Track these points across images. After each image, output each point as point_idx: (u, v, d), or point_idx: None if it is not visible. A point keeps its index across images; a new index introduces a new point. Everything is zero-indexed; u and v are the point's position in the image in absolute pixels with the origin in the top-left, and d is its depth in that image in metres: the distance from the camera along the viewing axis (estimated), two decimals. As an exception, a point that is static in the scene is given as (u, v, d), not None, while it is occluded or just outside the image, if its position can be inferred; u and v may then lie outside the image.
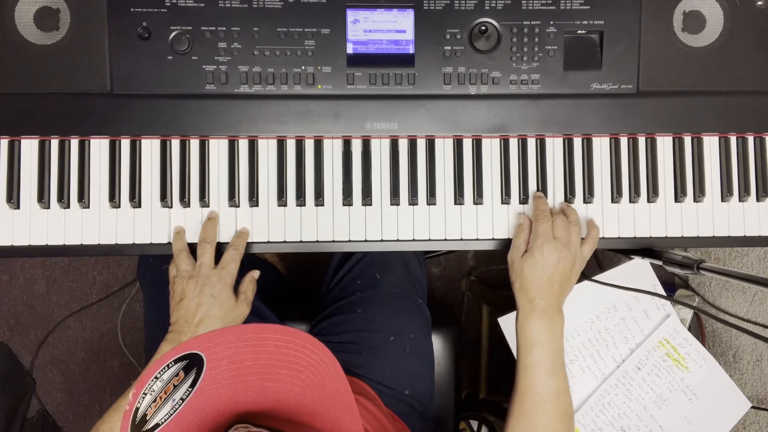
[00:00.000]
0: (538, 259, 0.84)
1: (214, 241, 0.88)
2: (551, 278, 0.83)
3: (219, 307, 0.85)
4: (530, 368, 0.81)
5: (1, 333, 1.74)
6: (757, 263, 1.37)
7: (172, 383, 0.53)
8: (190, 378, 0.52)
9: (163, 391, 0.53)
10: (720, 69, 0.92)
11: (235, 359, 0.53)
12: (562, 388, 0.82)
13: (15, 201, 0.90)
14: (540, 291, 0.83)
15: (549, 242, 0.84)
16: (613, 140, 0.94)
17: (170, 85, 0.89)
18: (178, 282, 0.87)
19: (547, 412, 0.80)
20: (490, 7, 0.90)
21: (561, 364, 0.83)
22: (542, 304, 0.83)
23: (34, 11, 0.87)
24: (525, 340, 0.83)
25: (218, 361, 0.53)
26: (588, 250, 0.89)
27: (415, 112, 0.91)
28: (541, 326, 0.82)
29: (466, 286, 1.72)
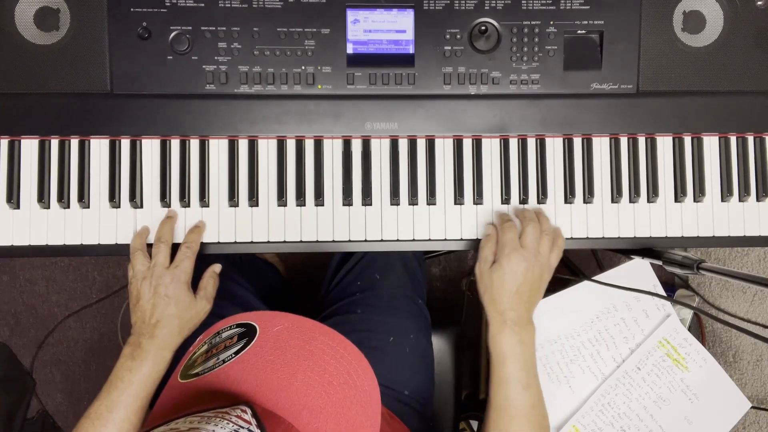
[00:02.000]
0: (507, 269, 0.83)
1: (169, 241, 0.87)
2: (520, 288, 0.83)
3: (174, 306, 0.84)
4: (505, 382, 0.81)
5: (1, 333, 1.74)
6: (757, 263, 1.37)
7: (225, 343, 0.55)
8: (239, 345, 0.54)
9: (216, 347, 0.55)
10: (720, 69, 0.92)
11: (281, 345, 0.54)
12: (537, 400, 0.82)
13: (15, 201, 0.90)
14: (510, 302, 0.83)
15: (517, 252, 0.83)
16: (613, 140, 0.94)
17: (170, 85, 0.89)
18: (133, 283, 0.87)
19: (524, 426, 0.80)
20: (490, 7, 0.90)
21: (534, 376, 0.83)
22: (513, 316, 0.83)
23: (34, 11, 0.87)
24: (498, 353, 0.82)
25: (266, 340, 0.54)
26: (555, 258, 0.88)
27: (415, 112, 0.91)
28: (514, 339, 0.82)
29: (466, 286, 1.72)
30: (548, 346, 1.00)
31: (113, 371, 0.82)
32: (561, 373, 1.00)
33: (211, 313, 0.93)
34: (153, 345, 0.82)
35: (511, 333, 0.82)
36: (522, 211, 0.90)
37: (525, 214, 0.89)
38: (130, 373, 0.81)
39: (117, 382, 0.81)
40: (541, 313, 1.00)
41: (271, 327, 0.55)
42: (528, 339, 0.83)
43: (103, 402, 0.80)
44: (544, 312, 1.01)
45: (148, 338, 0.83)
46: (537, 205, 0.93)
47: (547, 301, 1.00)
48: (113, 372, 0.82)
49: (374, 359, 1.00)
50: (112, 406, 0.79)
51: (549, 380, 1.00)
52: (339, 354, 0.55)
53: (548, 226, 0.88)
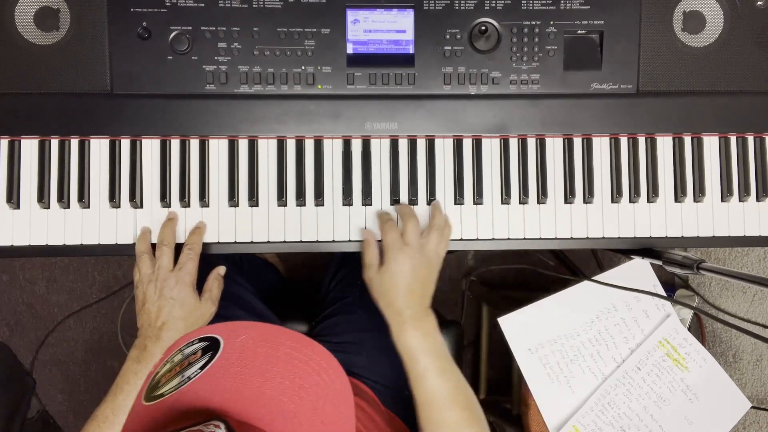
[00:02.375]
0: (395, 270, 0.83)
1: (171, 243, 0.88)
2: (411, 286, 0.83)
3: (180, 309, 0.85)
4: (423, 377, 0.82)
5: (1, 333, 1.74)
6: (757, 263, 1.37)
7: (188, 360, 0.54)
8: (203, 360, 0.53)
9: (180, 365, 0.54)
10: (720, 69, 0.92)
11: (247, 355, 0.54)
12: (457, 381, 0.83)
13: (15, 201, 0.89)
14: (405, 301, 0.83)
15: (401, 251, 0.84)
16: (613, 140, 0.94)
17: (170, 85, 0.89)
18: (139, 287, 0.87)
19: (454, 410, 0.81)
20: (490, 7, 0.90)
21: (447, 360, 0.84)
22: (410, 313, 0.83)
23: (34, 11, 0.87)
24: (407, 352, 0.83)
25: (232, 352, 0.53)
26: (443, 249, 0.88)
27: (415, 112, 0.91)
28: (417, 334, 0.83)
29: (466, 286, 1.72)
30: (548, 346, 1.00)
31: (119, 374, 0.83)
32: (561, 373, 1.00)
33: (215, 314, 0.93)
34: (159, 347, 0.83)
35: (413, 329, 0.83)
36: (400, 207, 0.90)
37: (403, 209, 0.89)
38: (136, 377, 0.81)
39: (123, 385, 0.81)
40: (541, 313, 1.01)
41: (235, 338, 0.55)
42: (430, 329, 0.84)
43: (109, 405, 0.80)
44: (545, 312, 1.01)
45: (154, 341, 0.83)
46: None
47: (547, 301, 1.00)
48: (119, 375, 0.83)
49: (374, 359, 1.01)
50: (118, 409, 0.80)
51: (549, 380, 1.00)
52: (307, 356, 0.55)
53: (439, 221, 0.88)
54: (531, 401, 1.04)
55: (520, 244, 0.94)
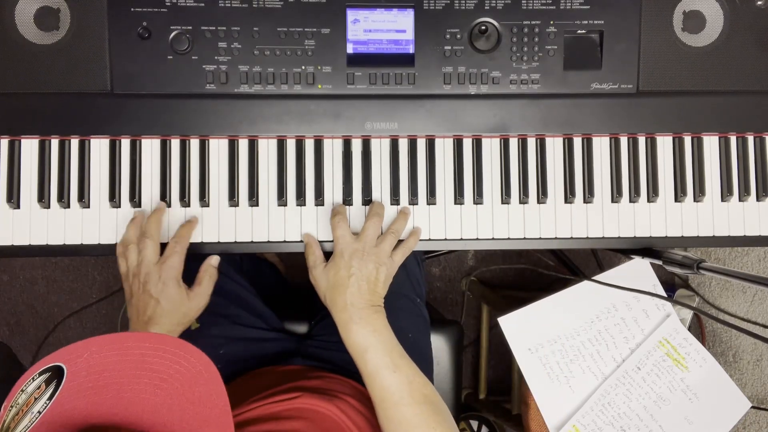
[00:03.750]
0: (340, 264, 0.83)
1: (156, 235, 0.85)
2: (357, 281, 0.83)
3: (165, 303, 0.83)
4: (375, 374, 0.81)
5: (1, 333, 1.74)
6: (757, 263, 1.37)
7: (33, 396, 0.52)
8: (50, 391, 0.52)
9: (26, 404, 0.52)
10: (720, 69, 0.92)
11: (96, 370, 0.53)
12: (411, 375, 0.82)
13: (15, 201, 0.90)
14: (350, 297, 0.83)
15: (349, 247, 0.84)
16: (613, 140, 0.94)
17: (170, 85, 0.89)
18: (125, 281, 0.86)
19: (410, 405, 0.79)
20: (490, 7, 0.90)
21: (400, 355, 0.83)
22: (354, 310, 0.83)
23: (34, 11, 0.87)
24: (356, 350, 0.82)
25: (78, 372, 0.53)
26: (399, 256, 0.88)
27: (415, 111, 0.91)
28: (364, 331, 0.82)
29: (466, 286, 1.73)
30: (548, 346, 1.00)
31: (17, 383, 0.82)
32: (561, 373, 1.00)
33: (213, 313, 0.93)
34: None
35: (359, 327, 0.82)
36: (372, 205, 0.90)
37: (374, 208, 0.89)
38: None
39: None
40: (541, 313, 1.01)
41: (77, 358, 0.54)
42: (379, 325, 0.83)
43: None
44: (545, 312, 1.01)
45: None
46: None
47: (547, 301, 1.00)
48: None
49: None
50: None
51: (549, 380, 1.00)
52: (160, 349, 0.55)
53: (398, 226, 0.88)
54: (531, 401, 1.04)
55: (520, 244, 0.94)
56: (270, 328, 1.06)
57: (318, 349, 1.03)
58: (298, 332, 1.14)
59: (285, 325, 1.12)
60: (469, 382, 1.77)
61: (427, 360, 1.08)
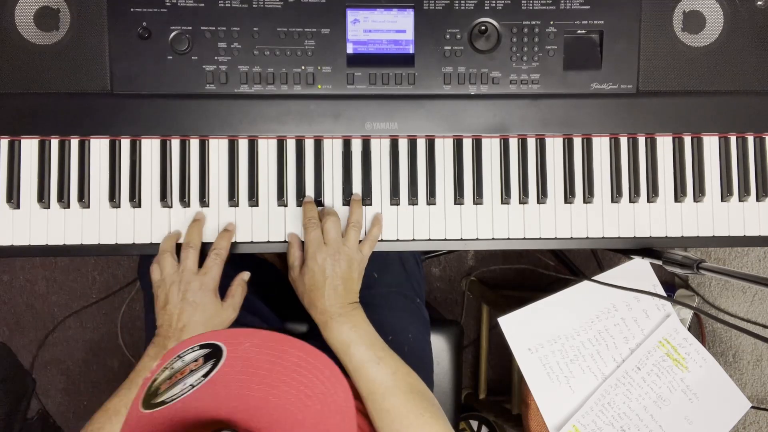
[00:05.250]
0: (315, 268, 0.84)
1: (198, 245, 0.88)
2: (333, 283, 0.84)
3: (201, 313, 0.85)
4: (359, 368, 0.82)
5: (1, 333, 1.74)
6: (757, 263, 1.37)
7: (189, 367, 0.53)
8: (206, 368, 0.52)
9: (180, 372, 0.53)
10: (720, 69, 0.92)
11: (252, 363, 0.53)
12: (395, 366, 0.83)
13: (15, 201, 0.90)
14: (327, 299, 0.84)
15: (320, 250, 0.85)
16: (613, 140, 0.94)
17: (170, 85, 0.89)
18: (161, 287, 0.87)
19: (396, 395, 0.80)
20: (490, 7, 0.90)
21: (382, 347, 0.84)
22: (333, 310, 0.84)
23: (34, 11, 0.87)
24: (339, 346, 0.83)
25: (235, 360, 0.53)
26: (367, 249, 0.89)
27: (415, 112, 0.91)
28: (344, 328, 0.83)
29: (466, 286, 1.73)
30: (548, 346, 1.00)
31: (135, 370, 0.83)
32: (561, 373, 1.00)
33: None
34: None
35: (339, 324, 0.83)
36: (324, 209, 0.91)
37: (325, 210, 0.90)
38: None
39: (138, 380, 0.81)
40: (541, 313, 1.01)
41: (238, 345, 0.54)
42: (358, 320, 0.85)
43: (122, 399, 0.80)
44: (545, 312, 1.01)
45: (175, 341, 0.83)
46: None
47: (548, 301, 1.00)
48: (135, 370, 0.83)
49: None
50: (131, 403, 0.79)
51: (549, 380, 1.00)
52: (311, 365, 0.55)
53: (356, 217, 0.89)
54: (531, 401, 1.04)
55: (520, 244, 0.94)
56: (270, 328, 1.06)
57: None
58: (298, 332, 1.13)
59: (285, 325, 1.12)
60: (469, 382, 1.77)
61: (427, 360, 1.08)
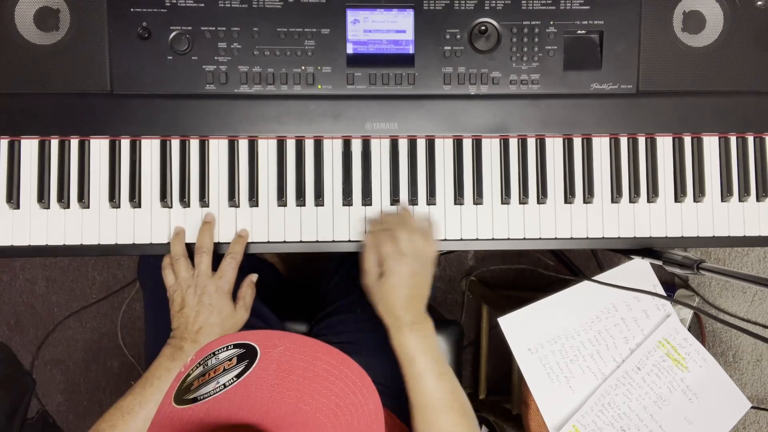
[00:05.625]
0: (395, 281, 0.84)
1: (210, 250, 0.89)
2: (411, 293, 0.84)
3: (217, 315, 0.87)
4: (420, 379, 0.82)
5: (1, 333, 1.74)
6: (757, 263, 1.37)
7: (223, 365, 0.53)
8: (240, 368, 0.52)
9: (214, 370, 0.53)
10: (720, 69, 0.92)
11: (284, 368, 0.53)
12: (453, 385, 0.84)
13: (15, 201, 0.89)
14: (404, 308, 0.84)
15: (400, 261, 0.84)
16: (613, 140, 0.94)
17: (170, 85, 0.89)
18: (177, 290, 0.88)
19: (450, 414, 0.81)
20: (490, 7, 0.90)
21: (444, 364, 0.85)
22: (409, 318, 0.84)
23: (34, 11, 0.87)
24: (404, 354, 0.84)
25: (269, 362, 0.53)
26: (432, 249, 0.88)
27: (415, 112, 0.91)
28: (415, 336, 0.84)
29: (466, 286, 1.72)
30: (548, 346, 1.00)
31: (150, 370, 0.84)
32: (561, 373, 1.00)
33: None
34: (194, 349, 0.84)
35: (412, 332, 0.84)
36: (385, 217, 0.89)
37: (388, 220, 0.88)
38: (169, 373, 0.82)
39: (153, 380, 0.82)
40: (541, 313, 1.01)
41: (272, 348, 0.54)
42: (428, 332, 0.85)
43: (137, 397, 0.81)
44: (545, 312, 1.01)
45: (191, 342, 0.85)
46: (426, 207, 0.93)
47: (547, 301, 1.00)
48: (149, 371, 0.84)
49: (374, 359, 1.00)
50: (145, 402, 0.81)
51: (549, 380, 1.00)
52: (343, 374, 0.54)
53: (412, 223, 0.88)
54: (531, 401, 1.04)
55: (520, 244, 0.94)
56: (270, 329, 1.06)
57: None
58: (298, 332, 1.13)
59: (285, 326, 1.12)
60: (469, 382, 1.77)
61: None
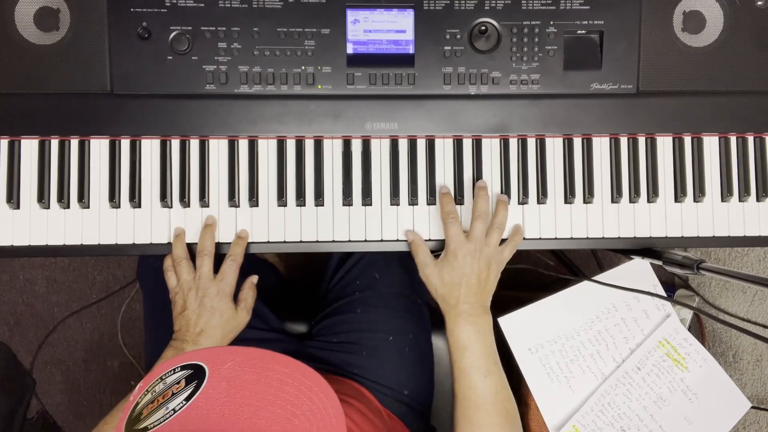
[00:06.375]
0: (454, 264, 0.84)
1: (211, 252, 0.89)
2: (469, 281, 0.84)
3: (219, 317, 0.87)
4: (466, 372, 0.83)
5: (1, 333, 1.74)
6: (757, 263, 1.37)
7: (171, 390, 0.52)
8: (188, 390, 0.51)
9: (162, 395, 0.52)
10: (720, 69, 0.92)
11: (235, 384, 0.52)
12: (500, 386, 0.83)
13: (15, 201, 0.89)
14: (461, 296, 0.84)
15: (462, 246, 0.84)
16: (613, 140, 0.94)
17: (170, 85, 0.89)
18: (179, 293, 0.88)
19: (490, 413, 0.81)
20: (490, 7, 0.90)
21: (495, 362, 0.84)
22: (466, 308, 0.84)
23: (34, 11, 0.87)
24: (456, 345, 0.84)
25: (218, 380, 0.52)
26: (508, 252, 0.89)
27: (415, 112, 0.91)
28: (469, 329, 0.84)
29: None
30: (548, 346, 1.00)
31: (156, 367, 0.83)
32: (561, 373, 1.00)
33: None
34: None
35: (466, 324, 0.84)
36: (477, 202, 0.88)
37: (479, 206, 0.88)
38: None
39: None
40: (541, 313, 1.01)
41: (220, 364, 0.53)
42: (484, 327, 0.85)
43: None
44: (545, 312, 1.01)
45: (192, 345, 0.85)
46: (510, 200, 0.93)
47: (547, 301, 1.00)
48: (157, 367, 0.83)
49: (373, 359, 1.01)
50: None
51: (549, 380, 1.00)
52: (298, 381, 0.54)
53: (501, 219, 0.88)
54: (531, 401, 1.04)
55: (520, 244, 0.93)
56: (269, 329, 1.06)
57: (318, 350, 1.03)
58: (298, 333, 1.13)
59: (285, 326, 1.12)
60: (469, 382, 1.76)
61: (428, 360, 1.08)
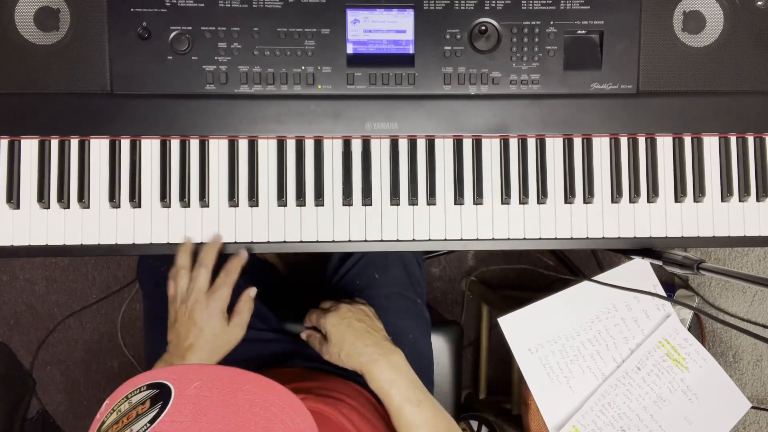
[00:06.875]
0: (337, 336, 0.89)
1: (210, 266, 0.87)
2: (358, 335, 0.88)
3: (208, 332, 0.85)
4: (400, 410, 0.84)
5: (1, 333, 1.74)
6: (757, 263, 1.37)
7: (136, 410, 0.50)
8: (153, 411, 0.49)
9: (127, 416, 0.50)
10: (720, 69, 0.92)
11: (202, 405, 0.49)
12: (434, 408, 0.86)
13: (15, 201, 0.89)
14: (362, 347, 0.87)
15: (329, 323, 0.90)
16: (613, 140, 0.94)
17: (170, 85, 0.89)
18: (172, 305, 0.87)
19: None
20: (490, 7, 0.90)
21: (420, 389, 0.87)
22: (371, 350, 0.87)
23: (34, 11, 0.87)
24: (380, 390, 0.86)
25: (184, 402, 0.50)
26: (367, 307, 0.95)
27: (415, 112, 0.91)
28: (384, 368, 0.86)
29: (466, 286, 1.73)
30: (548, 346, 1.00)
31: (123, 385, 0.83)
32: (561, 373, 1.00)
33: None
34: None
35: (380, 367, 0.86)
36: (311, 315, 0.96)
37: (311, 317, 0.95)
38: None
39: None
40: (541, 313, 1.01)
41: (187, 384, 0.50)
42: (397, 361, 0.87)
43: None
44: (544, 312, 1.01)
45: (179, 359, 0.84)
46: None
47: (547, 301, 1.00)
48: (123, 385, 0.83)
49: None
50: None
51: (549, 380, 1.00)
52: (268, 401, 0.52)
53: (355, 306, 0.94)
54: (531, 401, 1.04)
55: (520, 244, 0.94)
56: (269, 329, 1.06)
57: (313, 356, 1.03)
58: (298, 333, 1.13)
59: (284, 326, 1.12)
60: (469, 382, 1.77)
61: (427, 360, 1.08)
